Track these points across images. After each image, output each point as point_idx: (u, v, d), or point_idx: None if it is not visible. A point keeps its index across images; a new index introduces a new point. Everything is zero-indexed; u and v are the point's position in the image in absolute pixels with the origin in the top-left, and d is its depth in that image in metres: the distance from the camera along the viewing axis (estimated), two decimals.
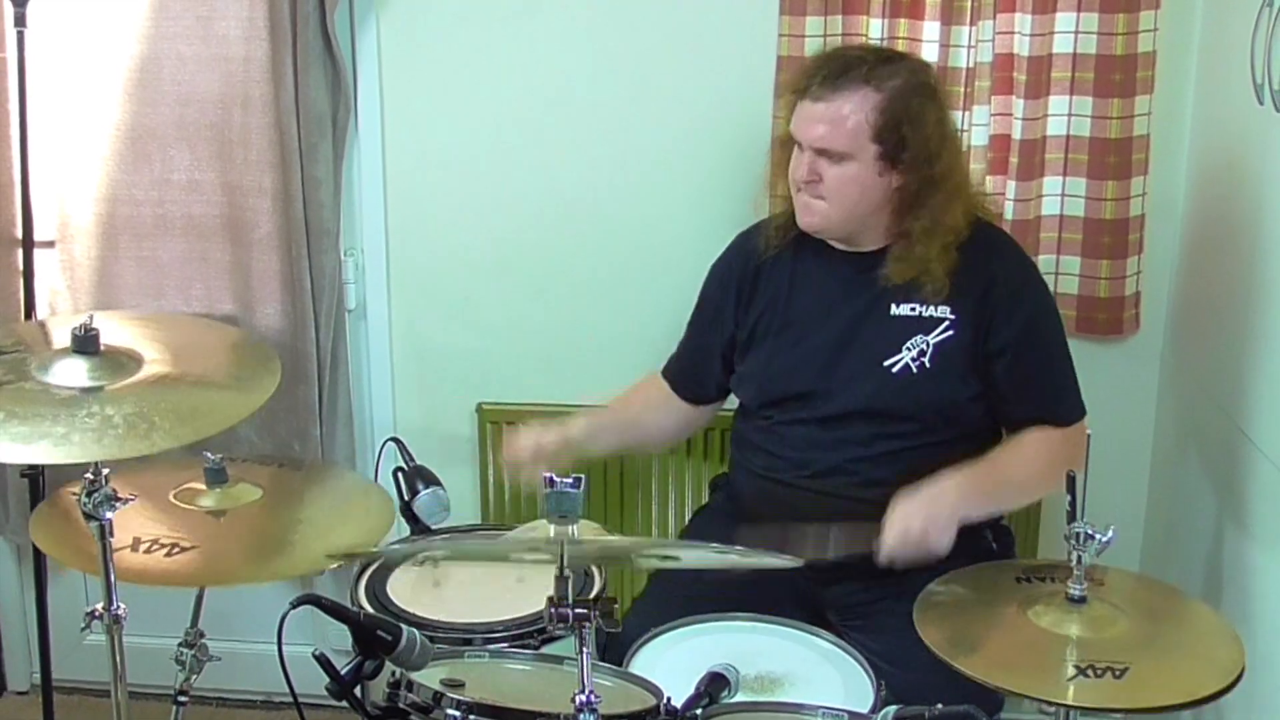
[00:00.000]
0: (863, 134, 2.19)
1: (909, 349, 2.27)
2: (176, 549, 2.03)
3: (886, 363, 2.28)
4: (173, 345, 2.09)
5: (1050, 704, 1.72)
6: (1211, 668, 1.76)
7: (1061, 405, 2.32)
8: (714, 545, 2.02)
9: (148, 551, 2.01)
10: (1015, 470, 2.28)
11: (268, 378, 2.07)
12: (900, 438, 2.28)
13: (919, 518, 2.15)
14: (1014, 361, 2.27)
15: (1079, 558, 1.83)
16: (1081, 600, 1.83)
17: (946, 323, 2.27)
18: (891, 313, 2.29)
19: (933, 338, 2.27)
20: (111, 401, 1.89)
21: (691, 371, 2.56)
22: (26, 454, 1.82)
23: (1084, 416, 2.33)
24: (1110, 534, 1.82)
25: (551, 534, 1.66)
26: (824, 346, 2.33)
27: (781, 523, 2.20)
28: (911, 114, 2.21)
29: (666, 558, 2.16)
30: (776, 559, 1.80)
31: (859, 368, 2.29)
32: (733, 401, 2.55)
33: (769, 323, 2.40)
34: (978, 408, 2.30)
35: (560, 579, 1.61)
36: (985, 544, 2.32)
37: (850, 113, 2.19)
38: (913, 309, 2.28)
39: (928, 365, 2.26)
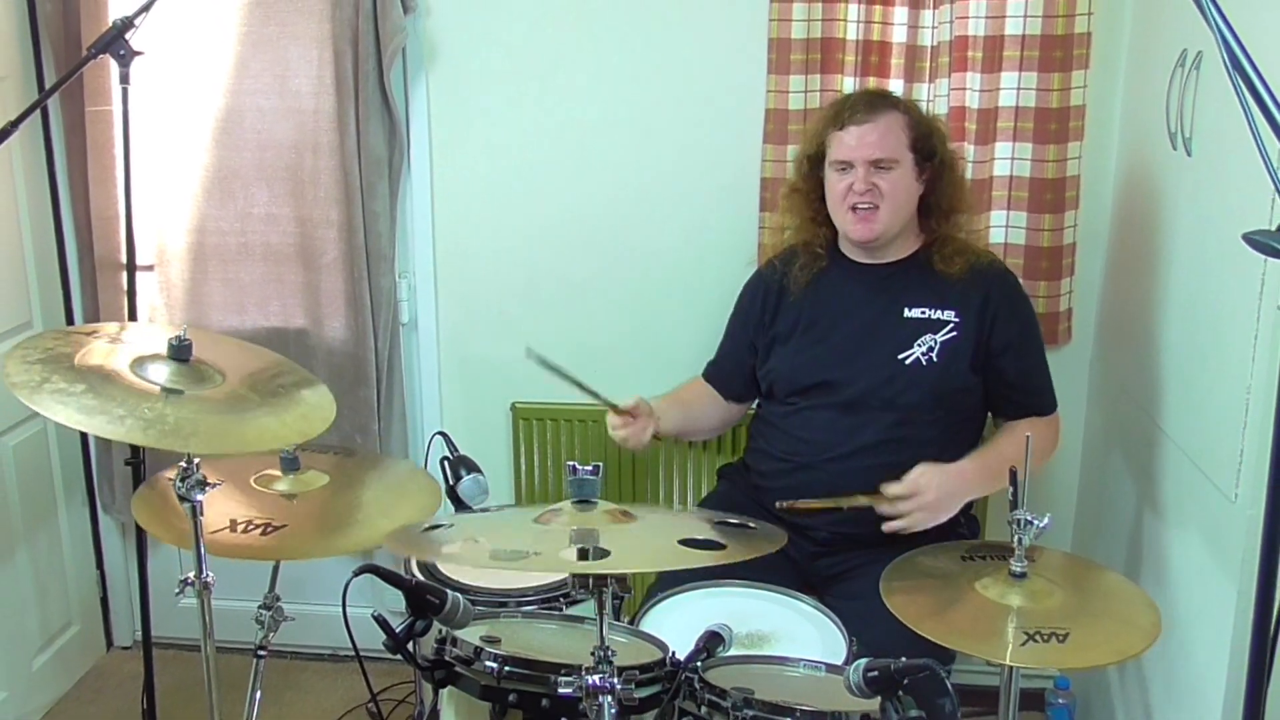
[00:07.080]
0: (904, 144, 2.28)
1: (919, 345, 2.29)
2: (270, 528, 2.02)
3: (900, 356, 2.29)
4: (254, 374, 2.03)
5: (997, 664, 1.72)
6: (1136, 631, 1.76)
7: (1046, 399, 2.40)
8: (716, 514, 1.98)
9: (244, 531, 2.00)
10: (1014, 456, 2.23)
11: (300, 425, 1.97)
12: (909, 424, 2.28)
13: (934, 488, 2.19)
14: (1015, 358, 2.32)
15: (1020, 540, 1.83)
16: (1022, 576, 1.83)
17: (951, 324, 2.29)
18: (905, 315, 2.31)
19: (940, 337, 2.29)
20: (173, 404, 1.83)
21: (729, 374, 2.57)
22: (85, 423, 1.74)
23: (1057, 408, 2.42)
24: (1047, 520, 1.82)
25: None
26: (845, 342, 2.35)
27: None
28: (932, 128, 2.33)
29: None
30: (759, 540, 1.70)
31: (877, 360, 2.31)
32: None
33: (795, 324, 2.42)
34: (973, 398, 2.34)
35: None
36: (958, 529, 2.32)
37: (892, 127, 2.28)
38: (923, 312, 2.31)
39: (935, 360, 2.28)
